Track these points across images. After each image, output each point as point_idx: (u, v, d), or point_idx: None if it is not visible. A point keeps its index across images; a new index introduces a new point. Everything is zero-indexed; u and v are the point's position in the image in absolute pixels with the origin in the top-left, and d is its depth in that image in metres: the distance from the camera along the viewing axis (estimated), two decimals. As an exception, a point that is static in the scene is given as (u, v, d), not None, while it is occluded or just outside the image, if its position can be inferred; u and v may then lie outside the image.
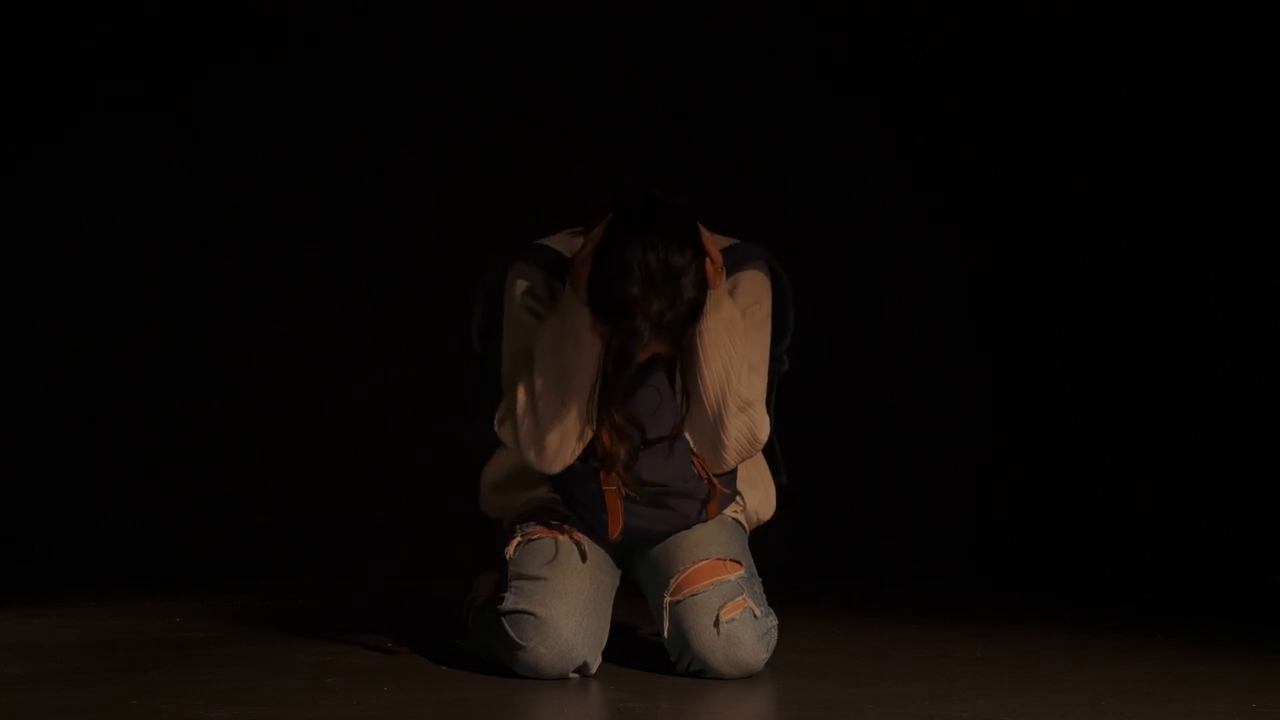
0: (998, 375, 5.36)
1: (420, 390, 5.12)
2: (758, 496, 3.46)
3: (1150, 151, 5.36)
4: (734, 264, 3.25)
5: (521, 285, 3.24)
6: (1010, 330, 5.34)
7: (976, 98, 5.33)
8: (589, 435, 3.19)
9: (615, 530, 3.23)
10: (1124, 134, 5.35)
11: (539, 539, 3.27)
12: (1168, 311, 5.33)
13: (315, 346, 5.19)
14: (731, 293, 3.22)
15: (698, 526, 3.30)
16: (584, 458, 3.21)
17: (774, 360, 3.36)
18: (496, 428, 3.25)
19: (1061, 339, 5.34)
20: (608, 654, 3.25)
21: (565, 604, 3.17)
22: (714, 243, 3.16)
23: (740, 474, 3.40)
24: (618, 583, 3.35)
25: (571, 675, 3.19)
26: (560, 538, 3.26)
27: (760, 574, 3.34)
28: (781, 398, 3.40)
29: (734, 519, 3.39)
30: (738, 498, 3.40)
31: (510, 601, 3.18)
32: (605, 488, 3.22)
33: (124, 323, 5.15)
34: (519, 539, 3.28)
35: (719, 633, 3.18)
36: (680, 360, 3.19)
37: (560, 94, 5.22)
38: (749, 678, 3.21)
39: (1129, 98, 5.35)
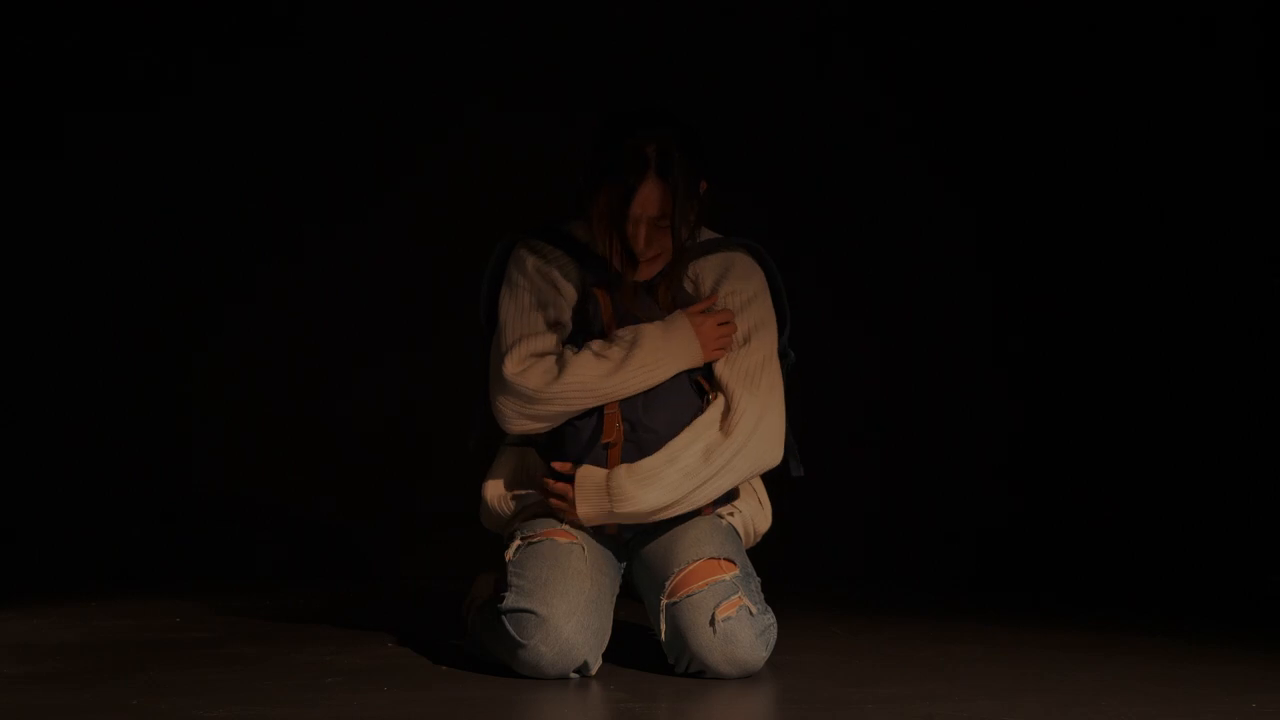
0: (997, 375, 5.35)
1: (420, 390, 5.12)
2: (753, 507, 3.46)
3: (1163, 152, 5.33)
4: (724, 247, 3.39)
5: (521, 252, 3.38)
6: (1010, 330, 5.33)
7: (987, 96, 5.31)
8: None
9: (610, 434, 3.26)
10: (1143, 134, 5.32)
11: (540, 541, 3.27)
12: (1167, 312, 5.32)
13: (315, 347, 5.18)
14: (724, 275, 3.36)
15: (692, 528, 3.31)
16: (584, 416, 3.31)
17: (781, 356, 3.39)
18: (496, 381, 3.32)
19: (1061, 340, 5.33)
20: (608, 654, 3.26)
21: (566, 603, 3.17)
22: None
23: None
24: (619, 585, 3.36)
25: (572, 675, 3.19)
26: (560, 539, 3.26)
27: (760, 574, 3.34)
28: (791, 394, 3.41)
29: (729, 523, 3.39)
30: (733, 501, 3.42)
31: (511, 600, 3.18)
32: (607, 410, 3.27)
33: (124, 322, 5.14)
34: (519, 541, 3.29)
35: (715, 632, 3.18)
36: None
37: (560, 94, 5.21)
38: (749, 677, 3.21)
39: (1142, 97, 5.33)
